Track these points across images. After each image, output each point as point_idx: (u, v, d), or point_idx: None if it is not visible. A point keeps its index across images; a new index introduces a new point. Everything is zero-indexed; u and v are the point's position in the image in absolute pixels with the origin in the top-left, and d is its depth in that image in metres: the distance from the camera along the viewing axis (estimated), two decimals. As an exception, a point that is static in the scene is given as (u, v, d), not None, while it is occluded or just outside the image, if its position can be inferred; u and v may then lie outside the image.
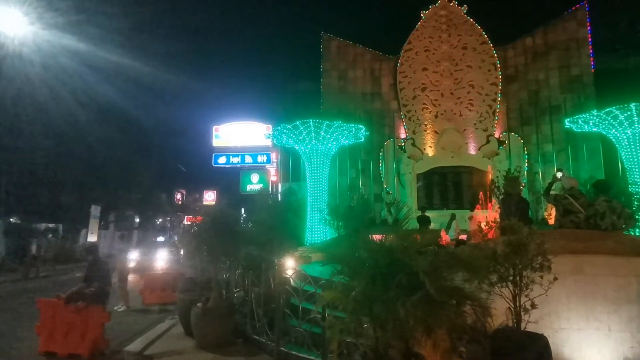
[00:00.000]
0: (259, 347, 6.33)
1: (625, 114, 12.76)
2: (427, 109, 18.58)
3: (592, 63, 17.47)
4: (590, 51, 17.55)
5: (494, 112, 18.02)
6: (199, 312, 6.52)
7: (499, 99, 18.01)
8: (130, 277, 11.14)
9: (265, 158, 25.47)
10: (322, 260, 5.48)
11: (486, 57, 18.35)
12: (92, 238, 25.23)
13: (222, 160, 25.82)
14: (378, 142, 19.12)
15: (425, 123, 18.54)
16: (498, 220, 6.00)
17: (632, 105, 12.55)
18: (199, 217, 8.52)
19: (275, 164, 25.19)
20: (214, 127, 26.08)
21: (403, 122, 18.80)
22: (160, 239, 35.28)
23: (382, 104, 19.54)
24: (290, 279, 6.47)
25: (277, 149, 23.73)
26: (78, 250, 24.16)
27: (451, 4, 19.12)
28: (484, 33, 18.52)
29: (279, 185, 22.94)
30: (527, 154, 17.85)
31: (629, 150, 13.40)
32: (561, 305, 5.16)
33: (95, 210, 25.84)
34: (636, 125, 12.88)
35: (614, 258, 5.19)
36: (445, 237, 12.97)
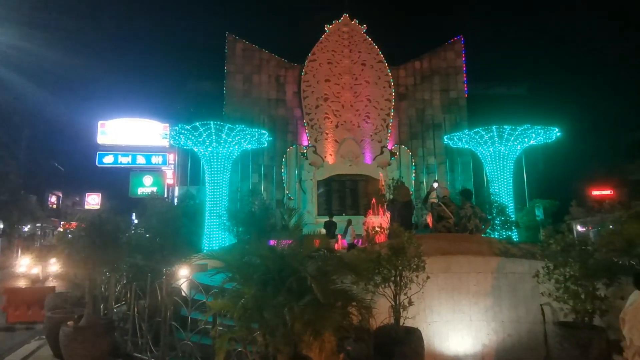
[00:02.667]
0: (142, 365, 5.81)
1: (489, 134, 15.05)
2: (329, 118, 19.40)
3: (465, 89, 20.26)
4: (465, 78, 20.33)
5: (387, 126, 19.62)
6: (69, 331, 5.74)
7: (392, 114, 19.69)
8: None
9: (160, 159, 23.68)
10: (218, 267, 5.30)
11: (382, 75, 19.94)
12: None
13: (108, 159, 23.20)
14: (281, 148, 19.30)
15: (327, 132, 19.33)
16: (384, 225, 6.55)
17: (494, 127, 14.86)
18: (73, 223, 7.54)
19: (172, 166, 23.65)
20: (100, 123, 23.36)
21: (306, 129, 19.31)
22: None
23: (286, 110, 19.81)
24: (181, 289, 6.11)
25: (175, 150, 22.34)
26: None
27: (352, 22, 20.37)
28: (380, 52, 20.11)
29: (176, 188, 21.60)
30: (414, 165, 19.81)
31: (491, 165, 15.81)
32: (434, 301, 5.80)
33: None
34: (497, 144, 15.27)
35: (475, 257, 6.03)
36: (342, 242, 13.66)
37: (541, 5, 53.16)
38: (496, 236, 11.85)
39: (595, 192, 26.02)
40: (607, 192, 26.42)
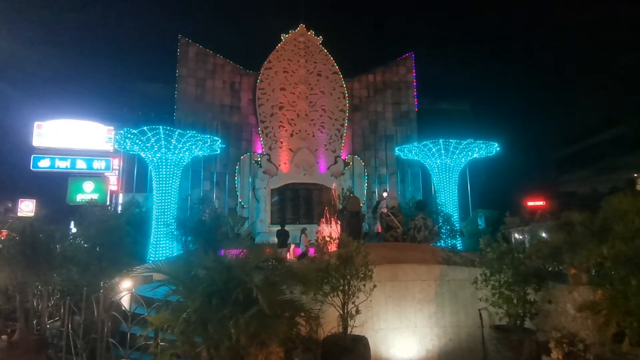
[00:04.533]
0: (75, 386, 5.40)
1: (436, 147, 15.86)
2: (284, 127, 19.40)
3: (415, 103, 21.16)
4: (415, 93, 21.25)
5: (341, 136, 19.98)
6: (3, 345, 5.42)
7: (346, 124, 20.09)
8: None
9: (103, 164, 22.18)
10: (162, 280, 5.09)
11: (337, 86, 20.33)
12: None
13: (44, 163, 21.36)
14: (235, 155, 18.98)
15: (281, 140, 19.29)
16: (334, 235, 6.63)
17: (441, 141, 15.69)
18: (3, 232, 6.96)
19: (116, 171, 22.31)
20: (36, 124, 21.53)
21: (260, 137, 19.15)
22: None
23: (241, 117, 19.55)
24: (121, 303, 5.77)
25: (120, 155, 21.16)
26: None
27: (309, 32, 20.64)
28: (335, 64, 20.52)
29: (120, 195, 20.47)
30: (367, 175, 20.28)
31: (438, 176, 16.63)
32: (381, 308, 5.95)
33: None
34: (443, 157, 16.10)
35: (419, 266, 6.28)
36: (297, 251, 13.60)
37: (482, 27, 57.28)
38: (442, 244, 12.40)
39: (530, 203, 28.08)
40: (541, 203, 28.62)
